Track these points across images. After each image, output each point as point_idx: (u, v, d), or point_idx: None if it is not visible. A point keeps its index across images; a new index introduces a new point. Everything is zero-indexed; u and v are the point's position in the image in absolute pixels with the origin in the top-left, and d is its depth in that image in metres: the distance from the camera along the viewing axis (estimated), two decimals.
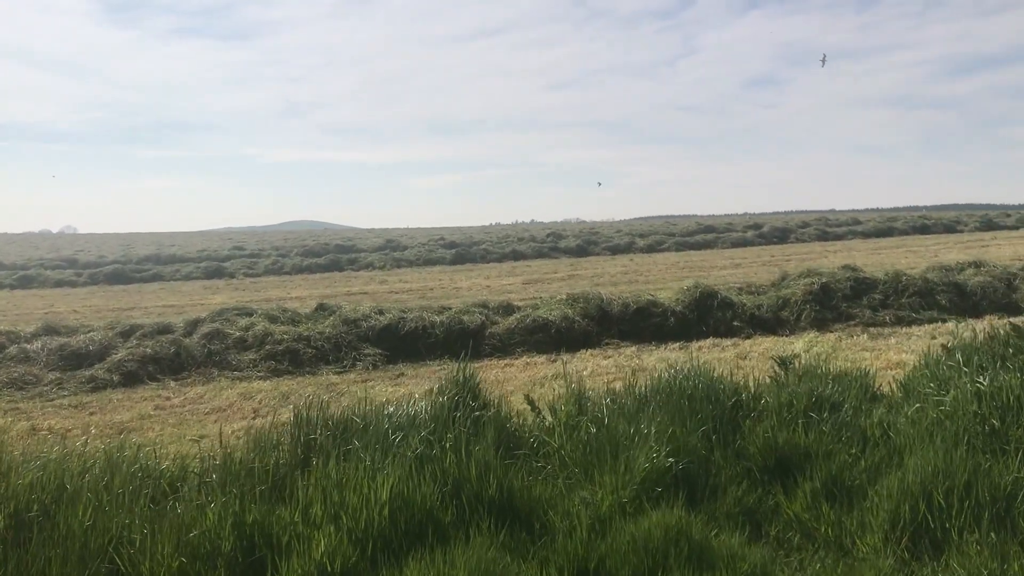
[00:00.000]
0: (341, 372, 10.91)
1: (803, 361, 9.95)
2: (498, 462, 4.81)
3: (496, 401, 5.79)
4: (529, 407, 5.90)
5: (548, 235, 48.89)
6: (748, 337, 12.12)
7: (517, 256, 38.55)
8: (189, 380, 10.62)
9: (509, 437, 5.33)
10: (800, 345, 10.88)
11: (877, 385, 6.51)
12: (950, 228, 47.06)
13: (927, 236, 42.53)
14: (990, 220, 52.67)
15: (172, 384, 10.45)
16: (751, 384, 6.27)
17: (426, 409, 5.39)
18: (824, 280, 13.57)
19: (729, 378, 6.32)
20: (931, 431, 5.07)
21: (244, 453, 5.13)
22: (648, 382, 6.28)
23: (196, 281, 32.15)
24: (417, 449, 4.90)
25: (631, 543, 4.11)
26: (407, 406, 5.45)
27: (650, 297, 12.84)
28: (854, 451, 5.20)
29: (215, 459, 5.11)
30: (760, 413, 5.70)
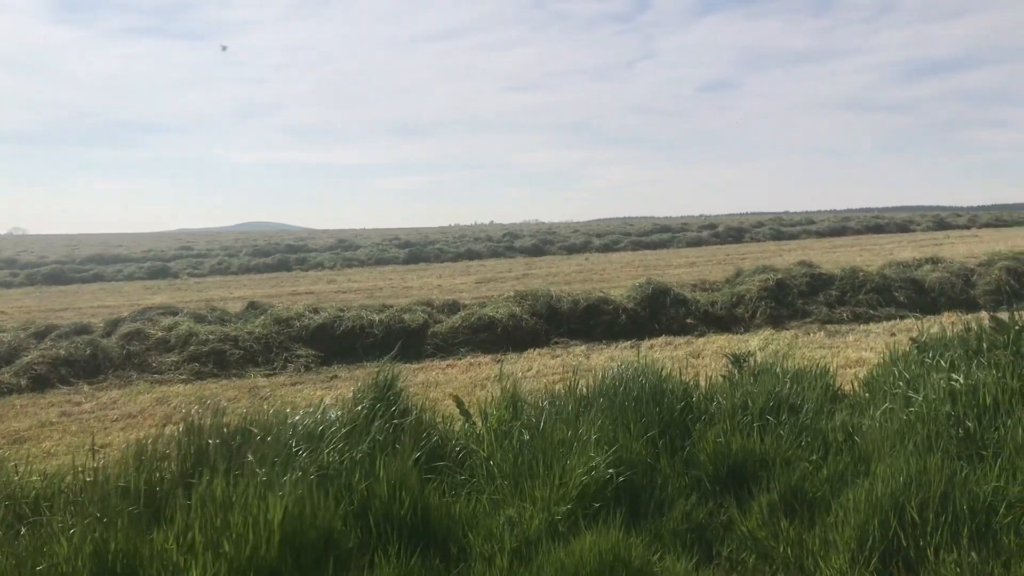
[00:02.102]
0: (270, 374, 10.19)
1: (759, 359, 9.51)
2: (415, 476, 4.18)
3: (420, 406, 5.15)
4: (458, 411, 5.28)
5: (504, 235, 48.33)
6: (702, 335, 11.62)
7: (472, 256, 37.90)
8: (105, 384, 9.84)
9: (432, 447, 4.70)
10: (755, 343, 10.40)
11: (838, 384, 5.99)
12: (903, 228, 47.33)
13: (881, 235, 42.66)
14: (942, 220, 53.17)
15: (86, 388, 9.67)
16: (702, 384, 5.72)
17: (339, 417, 4.74)
18: (779, 276, 13.15)
19: (679, 377, 5.76)
20: (901, 435, 4.54)
21: (123, 467, 4.44)
22: (591, 382, 5.70)
23: (138, 281, 30.99)
24: (322, 463, 4.25)
25: (559, 571, 3.52)
26: (317, 413, 4.80)
27: (601, 294, 12.29)
28: (815, 458, 4.66)
29: (89, 475, 4.42)
30: (712, 416, 5.14)
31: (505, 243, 42.09)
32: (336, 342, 11.13)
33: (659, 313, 12.04)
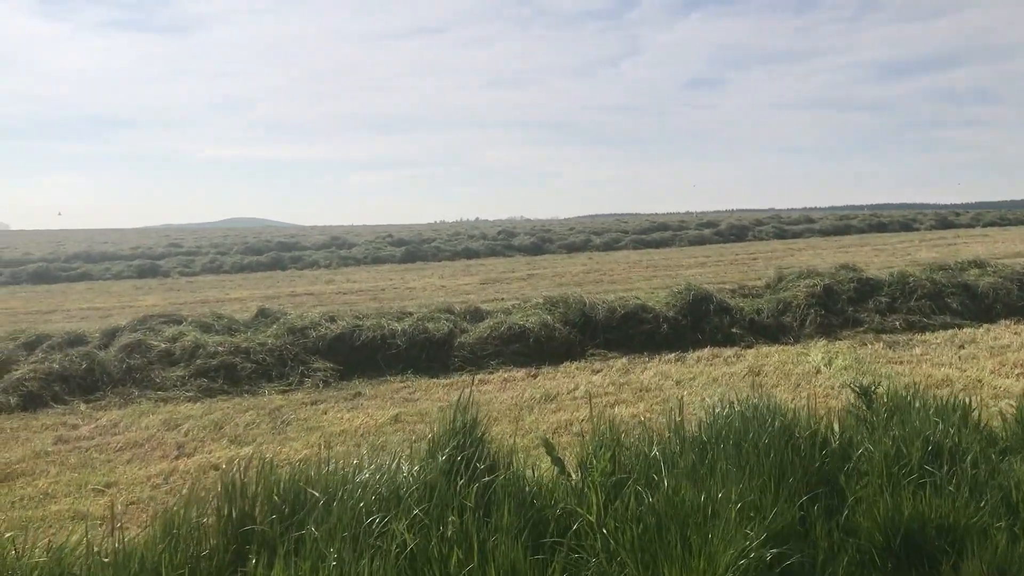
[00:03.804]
0: (286, 391, 9.23)
1: (828, 375, 8.65)
2: (525, 562, 3.27)
3: (508, 454, 4.23)
4: (550, 458, 4.37)
5: (499, 232, 47.32)
6: (750, 346, 10.74)
7: (470, 254, 36.90)
8: (103, 402, 8.84)
9: (530, 512, 3.79)
10: (816, 357, 9.52)
11: (984, 419, 5.11)
12: (907, 226, 46.64)
13: (888, 234, 41.92)
14: (944, 218, 52.54)
15: (82, 407, 8.68)
16: (831, 422, 4.83)
17: (414, 473, 3.82)
18: (827, 282, 12.27)
19: (794, 413, 4.87)
20: None
21: (149, 545, 3.52)
22: (697, 419, 4.80)
23: (127, 280, 29.86)
24: (405, 541, 3.34)
25: None
26: (389, 465, 3.88)
27: (638, 301, 11.38)
28: (1002, 524, 3.79)
29: (104, 554, 3.49)
30: (858, 469, 4.25)
31: (502, 241, 41.10)
32: (355, 353, 10.19)
33: (701, 322, 11.15)
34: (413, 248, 37.66)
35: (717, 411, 4.85)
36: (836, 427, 4.79)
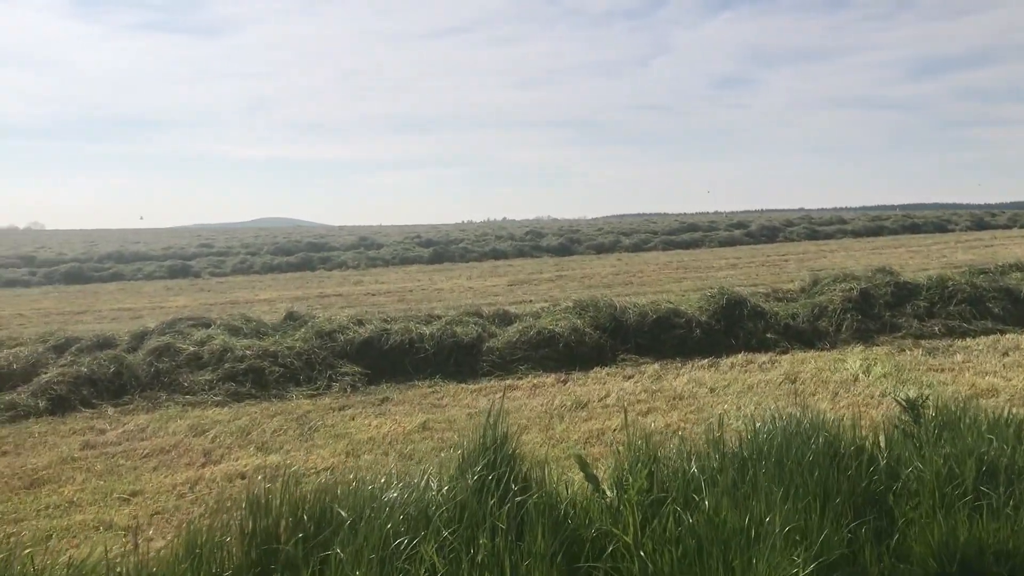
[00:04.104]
0: (314, 395, 9.15)
1: (867, 383, 8.41)
2: None
3: (540, 467, 4.08)
4: (583, 474, 4.21)
5: (527, 233, 47.13)
6: (784, 352, 10.51)
7: (497, 255, 36.78)
8: (131, 406, 8.80)
9: (564, 533, 3.63)
10: (854, 364, 9.27)
11: None
12: (941, 227, 45.88)
13: (922, 236, 41.23)
14: (980, 219, 51.66)
15: (110, 411, 8.65)
16: (876, 437, 4.62)
17: (443, 492, 3.68)
18: (863, 286, 11.99)
19: (837, 427, 4.67)
20: None
21: (172, 563, 3.40)
22: (736, 433, 4.62)
23: (158, 281, 30.07)
24: (434, 565, 3.20)
25: None
26: (418, 482, 3.74)
27: (670, 305, 11.18)
28: None
29: (126, 572, 3.38)
30: (908, 488, 4.05)
31: (530, 242, 40.95)
32: (383, 358, 10.08)
33: (735, 327, 10.93)
34: (441, 249, 37.61)
35: (757, 424, 4.66)
36: (882, 442, 4.59)
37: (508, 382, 9.49)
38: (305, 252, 36.98)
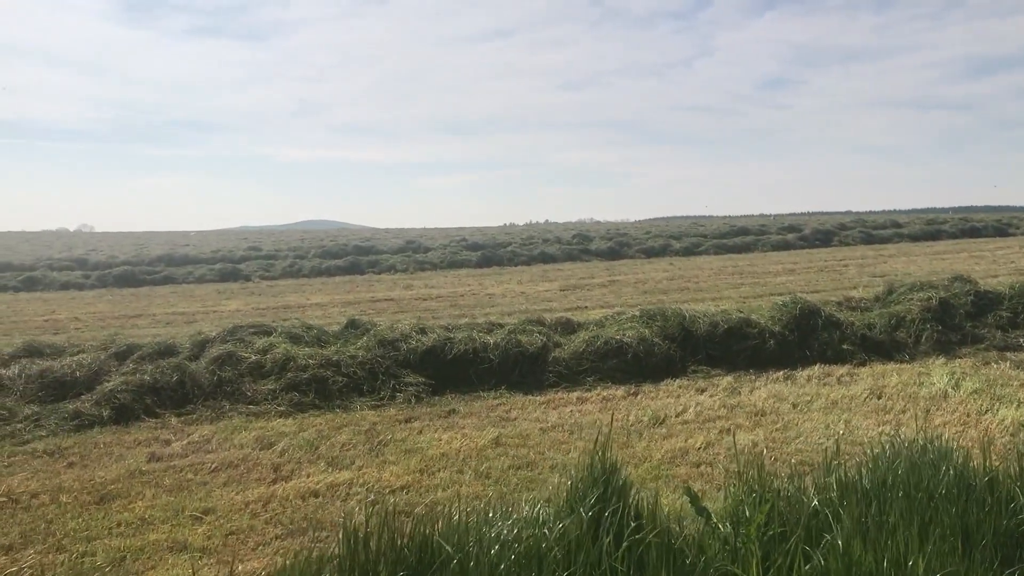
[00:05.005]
0: (378, 406, 8.94)
1: (958, 399, 7.98)
2: None
3: (652, 500, 3.78)
4: (693, 508, 3.91)
5: (575, 236, 46.70)
6: (862, 364, 10.10)
7: (546, 259, 36.48)
8: (194, 416, 8.67)
9: (682, 574, 3.34)
10: (941, 378, 8.83)
11: None
12: (1001, 231, 44.56)
13: (983, 240, 40.04)
14: None
15: (173, 421, 8.51)
16: (1009, 468, 4.26)
17: (555, 527, 3.41)
18: (941, 295, 11.51)
19: (964, 455, 4.31)
20: None
21: None
22: (855, 461, 4.29)
23: (209, 284, 30.25)
24: None
25: None
26: (527, 515, 3.47)
27: (741, 315, 10.80)
28: None
29: None
30: None
31: (578, 245, 40.60)
32: (447, 367, 9.85)
33: (809, 337, 10.53)
34: (489, 252, 37.40)
35: (875, 451, 4.32)
36: (1013, 471, 4.22)
37: (576, 394, 9.21)
38: (353, 256, 37.01)
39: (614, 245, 39.19)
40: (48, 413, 8.59)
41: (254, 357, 9.67)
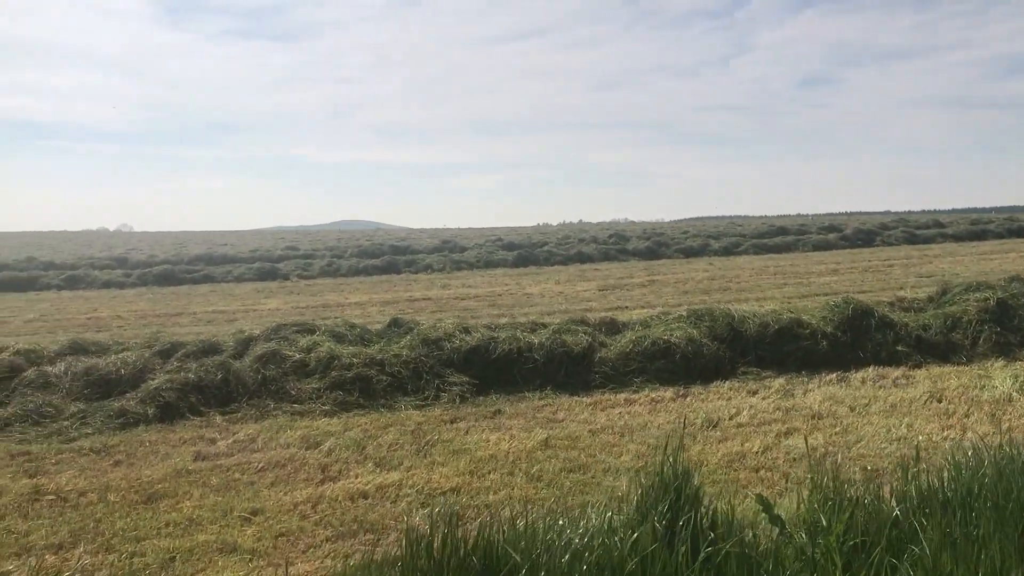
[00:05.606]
0: (423, 405, 8.83)
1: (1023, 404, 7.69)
2: None
3: (727, 508, 3.61)
4: (767, 516, 3.72)
5: (611, 236, 46.38)
6: (918, 366, 9.81)
7: (583, 258, 36.23)
8: (239, 415, 8.61)
9: None
10: (1004, 382, 8.52)
11: None
12: None
13: None
14: None
15: (218, 420, 8.46)
16: None
17: (626, 537, 3.24)
18: (999, 295, 11.16)
19: None
20: None
21: None
22: (927, 466, 4.07)
23: (248, 283, 30.43)
24: None
25: None
26: (596, 522, 3.31)
27: (792, 315, 10.55)
28: None
29: None
30: None
31: (614, 245, 40.33)
32: (490, 367, 9.71)
33: (862, 338, 10.25)
34: (525, 252, 37.25)
35: (958, 458, 4.11)
36: None
37: (624, 395, 9.03)
38: (389, 255, 37.07)
39: (652, 245, 38.87)
40: (94, 411, 8.58)
41: (298, 355, 9.60)
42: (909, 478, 3.98)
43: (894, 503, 3.78)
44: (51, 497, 6.12)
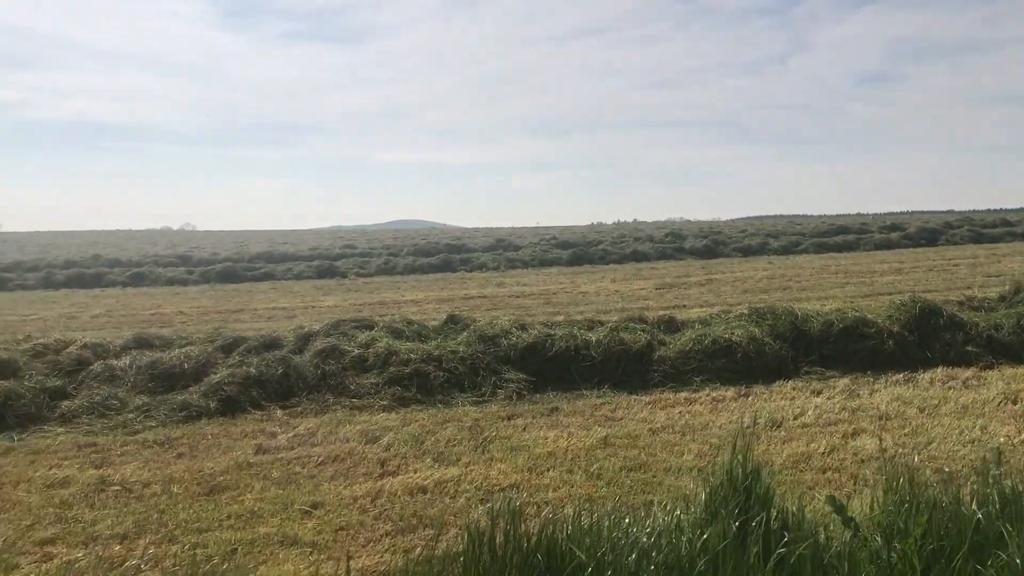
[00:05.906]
0: (479, 402, 8.80)
1: None
2: None
3: (798, 509, 3.50)
4: (839, 518, 3.60)
5: (667, 235, 46.00)
6: (989, 367, 9.49)
7: (638, 257, 35.98)
8: (299, 409, 8.68)
9: None
10: None
11: None
12: None
13: None
14: None
15: (279, 414, 8.54)
16: None
17: (695, 536, 3.16)
18: None
19: None
20: None
21: None
22: (1020, 472, 3.91)
23: (307, 281, 30.84)
24: None
25: None
26: (663, 521, 3.23)
27: (857, 314, 10.29)
28: None
29: None
30: None
31: (671, 243, 39.96)
32: (547, 364, 9.65)
33: (930, 338, 9.96)
34: (580, 251, 37.13)
35: None
36: None
37: (684, 394, 8.89)
38: (445, 254, 37.25)
39: (709, 244, 38.42)
40: (157, 404, 8.72)
41: (357, 351, 9.64)
42: (990, 481, 3.82)
43: (975, 507, 3.62)
44: (116, 488, 6.23)
